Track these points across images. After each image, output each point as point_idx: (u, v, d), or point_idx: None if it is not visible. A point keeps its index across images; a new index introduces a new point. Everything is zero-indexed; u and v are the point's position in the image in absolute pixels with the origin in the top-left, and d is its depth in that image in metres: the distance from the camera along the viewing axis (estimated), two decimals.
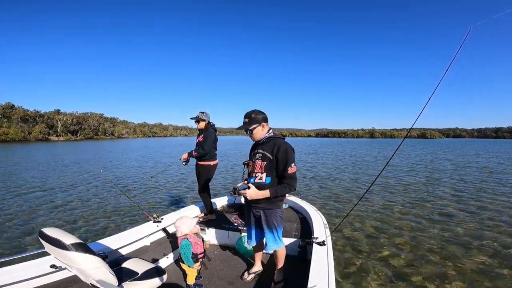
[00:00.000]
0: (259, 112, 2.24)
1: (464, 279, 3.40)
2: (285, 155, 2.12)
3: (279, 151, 2.14)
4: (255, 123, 2.20)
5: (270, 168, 2.18)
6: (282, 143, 2.18)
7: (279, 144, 2.18)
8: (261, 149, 2.25)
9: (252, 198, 2.15)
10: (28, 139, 74.96)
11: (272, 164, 2.18)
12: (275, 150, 2.16)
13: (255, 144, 2.36)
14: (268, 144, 2.23)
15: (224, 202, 4.49)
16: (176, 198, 7.72)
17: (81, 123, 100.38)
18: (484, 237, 4.69)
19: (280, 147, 2.15)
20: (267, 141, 2.25)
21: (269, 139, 2.25)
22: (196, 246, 2.34)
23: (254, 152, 2.33)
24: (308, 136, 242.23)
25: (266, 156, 2.19)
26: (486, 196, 7.79)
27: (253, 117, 2.20)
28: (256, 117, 2.21)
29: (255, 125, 2.21)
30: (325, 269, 2.03)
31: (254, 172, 2.26)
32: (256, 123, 2.21)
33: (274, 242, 2.30)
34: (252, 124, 2.20)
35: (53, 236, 1.57)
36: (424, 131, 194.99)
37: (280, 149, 2.14)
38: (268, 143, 2.23)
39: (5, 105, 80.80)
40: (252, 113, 2.22)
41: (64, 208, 6.62)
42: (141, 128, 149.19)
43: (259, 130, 2.24)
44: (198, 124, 3.60)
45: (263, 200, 2.22)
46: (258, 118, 2.21)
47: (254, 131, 2.22)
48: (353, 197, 7.74)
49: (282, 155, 2.12)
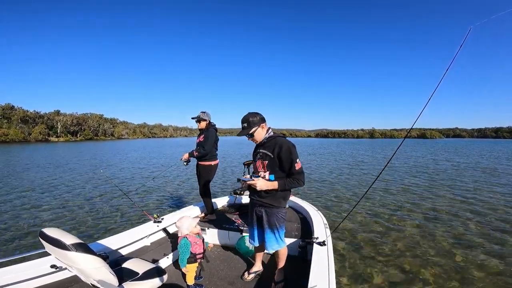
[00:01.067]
0: (255, 114, 2.24)
1: (464, 279, 3.39)
2: (289, 154, 2.13)
3: (282, 150, 2.14)
4: (254, 126, 2.21)
5: (272, 166, 2.20)
6: (283, 142, 2.19)
7: (280, 143, 2.18)
8: (262, 149, 2.27)
9: (262, 188, 2.14)
10: (28, 140, 74.93)
11: (274, 162, 2.18)
12: (277, 149, 2.16)
13: (257, 145, 2.36)
14: (269, 143, 2.24)
15: (225, 202, 4.49)
16: (176, 198, 7.72)
17: (81, 124, 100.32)
18: (488, 239, 4.67)
19: (282, 146, 2.15)
20: (268, 141, 2.26)
21: (270, 139, 2.26)
22: (195, 246, 2.34)
23: (256, 152, 2.35)
24: (308, 137, 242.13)
25: (267, 155, 2.21)
26: (490, 196, 7.78)
27: (251, 121, 2.21)
28: (253, 120, 2.21)
29: (254, 128, 2.21)
30: (326, 269, 2.03)
31: (257, 172, 2.29)
32: (255, 126, 2.21)
33: (276, 242, 2.30)
34: (251, 128, 2.21)
35: (54, 236, 1.57)
36: (424, 131, 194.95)
37: (282, 148, 2.15)
38: (269, 143, 2.25)
39: (5, 106, 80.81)
40: (249, 117, 2.22)
41: (65, 208, 6.62)
42: (141, 129, 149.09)
43: (260, 132, 2.25)
44: (199, 124, 3.60)
45: (268, 195, 2.23)
46: (256, 120, 2.21)
47: (255, 134, 2.23)
48: (353, 197, 7.74)
49: (286, 154, 2.13)
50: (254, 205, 2.38)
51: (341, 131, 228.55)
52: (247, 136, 2.25)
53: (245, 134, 2.24)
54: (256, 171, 2.31)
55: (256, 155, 2.34)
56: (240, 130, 2.27)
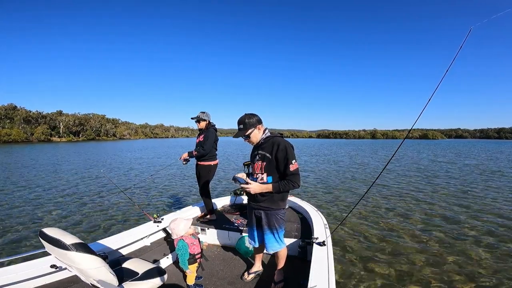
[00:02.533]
0: (251, 115, 2.22)
1: (465, 279, 3.37)
2: (284, 153, 2.10)
3: (278, 150, 2.12)
4: (250, 127, 2.19)
5: (270, 168, 2.17)
6: (280, 142, 2.16)
7: (278, 142, 2.16)
8: (260, 150, 2.24)
9: (256, 191, 2.14)
10: (30, 140, 75.33)
11: (272, 163, 2.16)
12: (274, 149, 2.15)
13: (255, 146, 2.34)
14: (267, 144, 2.22)
15: (225, 202, 4.49)
16: (176, 198, 7.73)
17: (83, 124, 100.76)
18: (489, 240, 4.65)
19: (279, 146, 2.13)
20: (265, 142, 2.24)
21: (267, 139, 2.24)
22: (193, 247, 2.34)
23: (254, 154, 2.32)
24: (309, 137, 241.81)
25: (265, 156, 2.18)
26: (493, 196, 7.75)
27: (247, 122, 2.18)
28: (249, 121, 2.18)
29: (251, 130, 2.19)
30: (325, 270, 2.02)
31: (255, 173, 2.26)
32: (251, 127, 2.19)
33: (276, 243, 2.29)
34: (248, 129, 2.18)
35: (54, 236, 1.57)
36: (426, 132, 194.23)
37: (279, 147, 2.13)
38: (267, 143, 2.22)
39: (8, 106, 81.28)
40: (245, 118, 2.19)
41: (65, 208, 6.64)
42: (142, 129, 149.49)
43: (256, 133, 2.23)
44: (198, 124, 3.61)
45: (265, 199, 2.21)
46: (252, 121, 2.19)
47: (251, 136, 2.22)
48: (353, 198, 7.72)
49: (281, 153, 2.11)
50: (253, 208, 2.36)
51: (343, 131, 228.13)
52: (244, 137, 2.23)
53: (241, 136, 2.22)
54: (254, 173, 2.29)
55: (254, 157, 2.31)
56: (236, 132, 2.25)
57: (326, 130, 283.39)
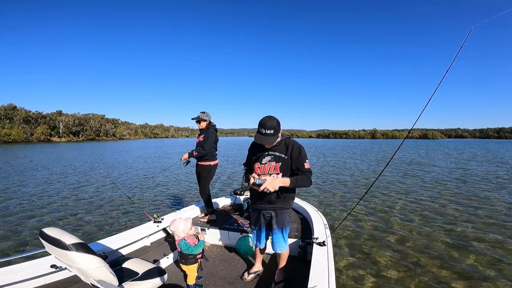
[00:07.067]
0: (277, 120, 2.07)
1: (465, 280, 3.37)
2: (299, 153, 2.12)
3: (293, 150, 2.13)
4: (278, 133, 2.07)
5: (285, 168, 2.15)
6: (294, 142, 2.18)
7: (292, 143, 2.16)
8: (272, 151, 2.17)
9: (275, 188, 1.99)
10: (30, 140, 75.24)
11: (287, 164, 2.14)
12: (289, 149, 2.13)
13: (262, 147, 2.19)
14: (280, 145, 2.16)
15: (225, 202, 4.49)
16: (176, 198, 7.73)
17: (83, 124, 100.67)
18: (488, 241, 4.64)
19: (294, 146, 2.14)
20: (278, 143, 2.16)
21: (280, 141, 2.17)
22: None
23: (262, 154, 2.19)
24: (309, 137, 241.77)
25: (280, 157, 2.14)
26: (494, 196, 7.75)
27: (276, 128, 2.02)
28: (278, 127, 2.05)
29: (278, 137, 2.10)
30: (325, 270, 2.02)
31: (266, 174, 2.15)
32: (278, 133, 2.08)
33: (284, 242, 2.31)
34: (277, 136, 2.07)
35: (54, 236, 1.57)
36: (426, 132, 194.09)
37: (294, 147, 2.14)
38: (280, 145, 2.16)
39: (8, 106, 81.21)
40: (275, 124, 2.02)
41: (65, 208, 6.64)
42: (142, 129, 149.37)
43: (278, 139, 2.12)
44: (199, 124, 3.61)
45: (278, 200, 2.19)
46: (279, 127, 2.07)
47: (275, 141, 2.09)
48: (353, 198, 7.72)
49: (296, 153, 2.12)
50: (263, 209, 2.28)
51: (343, 131, 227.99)
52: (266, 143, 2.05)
53: (270, 143, 2.04)
54: (263, 174, 2.17)
55: (263, 157, 2.19)
56: (261, 136, 2.03)
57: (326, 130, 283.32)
